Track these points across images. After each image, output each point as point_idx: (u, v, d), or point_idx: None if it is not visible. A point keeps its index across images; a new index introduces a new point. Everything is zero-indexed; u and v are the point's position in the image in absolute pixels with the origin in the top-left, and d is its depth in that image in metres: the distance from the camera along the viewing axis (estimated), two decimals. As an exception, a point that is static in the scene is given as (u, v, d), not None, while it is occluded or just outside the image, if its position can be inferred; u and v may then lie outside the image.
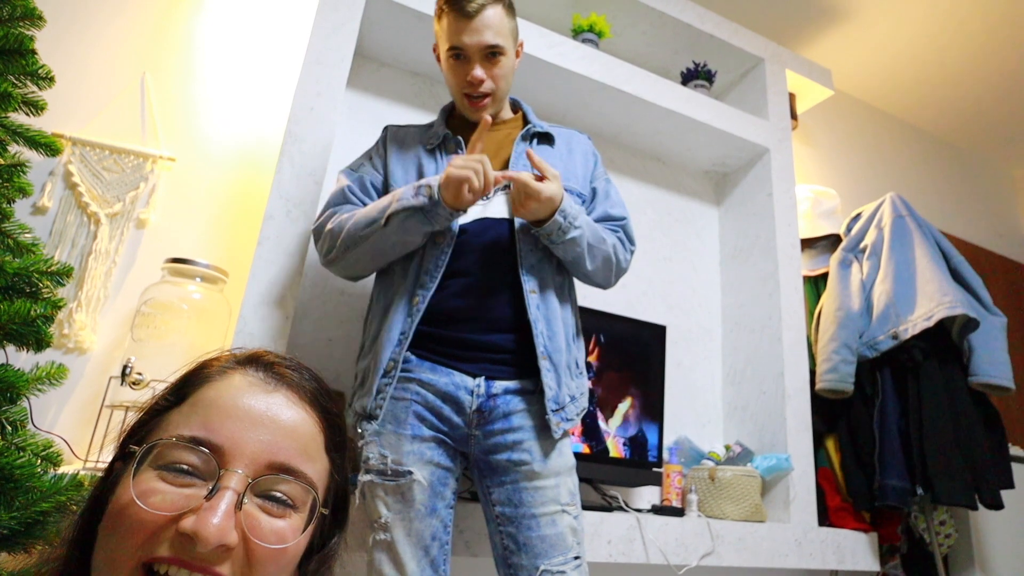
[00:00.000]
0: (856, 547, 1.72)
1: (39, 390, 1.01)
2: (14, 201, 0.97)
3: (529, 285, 1.07)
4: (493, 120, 1.19)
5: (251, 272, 1.24)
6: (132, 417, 0.52)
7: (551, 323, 1.08)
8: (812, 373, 1.89)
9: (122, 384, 1.20)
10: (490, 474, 1.04)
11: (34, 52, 0.98)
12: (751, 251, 2.03)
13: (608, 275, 1.18)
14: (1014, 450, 2.04)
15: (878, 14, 2.43)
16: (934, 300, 1.79)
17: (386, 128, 1.25)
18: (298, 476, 0.47)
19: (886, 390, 1.84)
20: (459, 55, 1.11)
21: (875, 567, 1.75)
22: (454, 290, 1.06)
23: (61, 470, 0.95)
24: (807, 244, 2.16)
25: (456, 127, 1.20)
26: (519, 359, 1.06)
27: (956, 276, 1.91)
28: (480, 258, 1.08)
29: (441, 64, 1.16)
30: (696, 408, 1.98)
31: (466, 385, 1.03)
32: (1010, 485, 1.77)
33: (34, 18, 0.98)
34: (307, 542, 0.49)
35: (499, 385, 1.04)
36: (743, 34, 2.15)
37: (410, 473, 0.98)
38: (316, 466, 0.50)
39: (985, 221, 3.16)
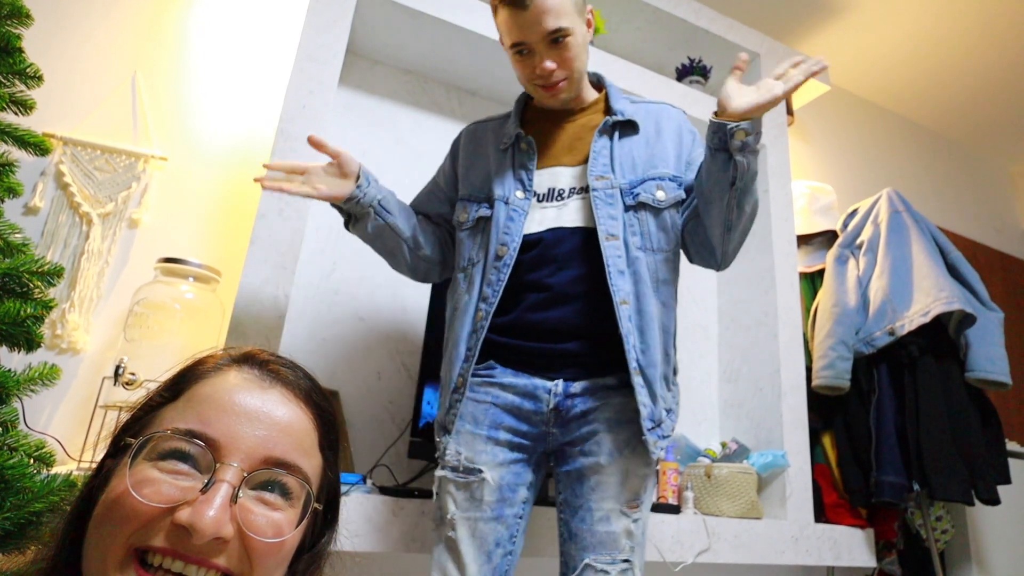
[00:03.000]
0: (852, 543, 1.72)
1: (32, 391, 1.00)
2: (3, 201, 0.97)
3: (620, 295, 1.00)
4: (572, 109, 1.13)
5: (243, 272, 1.23)
6: (125, 416, 0.52)
7: (645, 334, 1.01)
8: (808, 370, 1.89)
9: (115, 384, 1.19)
10: (560, 462, 1.04)
11: (21, 50, 0.97)
12: (747, 247, 2.03)
13: (745, 236, 1.07)
14: (1011, 446, 2.03)
15: (874, 9, 2.43)
16: (931, 296, 1.78)
17: (464, 129, 1.23)
18: (293, 470, 0.47)
19: (883, 386, 1.84)
20: (523, 50, 1.04)
21: (872, 563, 1.75)
22: (531, 303, 1.04)
23: (54, 470, 0.95)
24: (803, 240, 2.15)
25: (532, 118, 1.16)
26: (600, 360, 1.03)
27: (953, 271, 1.90)
28: (557, 269, 1.04)
29: (510, 61, 1.09)
30: (692, 405, 1.97)
31: (545, 386, 1.03)
32: (1007, 481, 1.77)
33: (21, 16, 0.98)
34: (302, 531, 0.49)
35: (578, 385, 1.02)
36: (739, 29, 2.15)
37: (480, 472, 0.99)
38: (311, 462, 0.50)
39: (982, 216, 3.15)
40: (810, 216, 2.17)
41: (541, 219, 1.07)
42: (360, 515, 1.17)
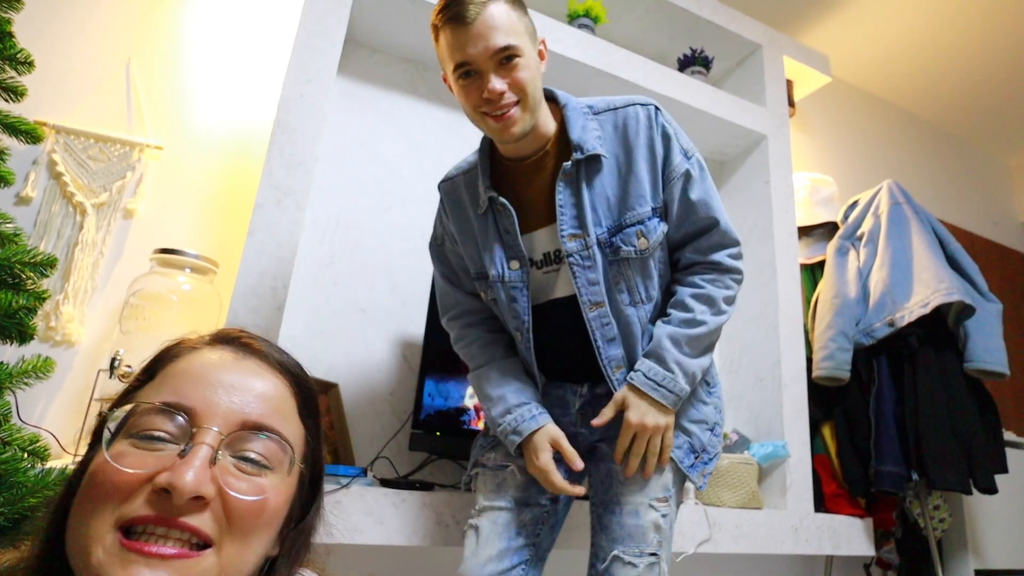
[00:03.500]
0: (852, 532, 1.73)
1: (25, 384, 0.99)
2: (-6, 190, 0.95)
3: (613, 364, 1.01)
4: (537, 155, 1.01)
5: (241, 263, 1.21)
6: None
7: None
8: (809, 361, 1.88)
9: (111, 377, 1.18)
10: (592, 459, 1.06)
11: (11, 35, 0.95)
12: (748, 239, 2.02)
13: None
14: (1008, 435, 2.04)
15: (876, 0, 2.41)
16: (930, 287, 1.78)
17: (439, 187, 1.14)
18: (273, 433, 0.47)
19: (882, 377, 1.84)
20: (469, 72, 0.92)
21: (870, 552, 1.76)
22: (547, 356, 1.09)
23: (49, 464, 0.94)
24: (804, 232, 2.14)
25: (502, 173, 1.05)
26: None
27: (952, 263, 1.90)
28: (559, 334, 1.06)
29: (454, 91, 0.97)
30: (692, 397, 1.97)
31: (573, 389, 1.09)
32: (1004, 470, 1.77)
33: (11, 0, 0.95)
34: (288, 498, 0.49)
35: (603, 387, 1.05)
36: (740, 20, 2.13)
37: (508, 466, 1.04)
38: (291, 428, 0.50)
39: (980, 209, 3.16)
40: (811, 208, 2.16)
41: (547, 288, 1.05)
42: (361, 508, 1.16)
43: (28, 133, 0.99)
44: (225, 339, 0.53)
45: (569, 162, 0.98)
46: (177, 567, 0.41)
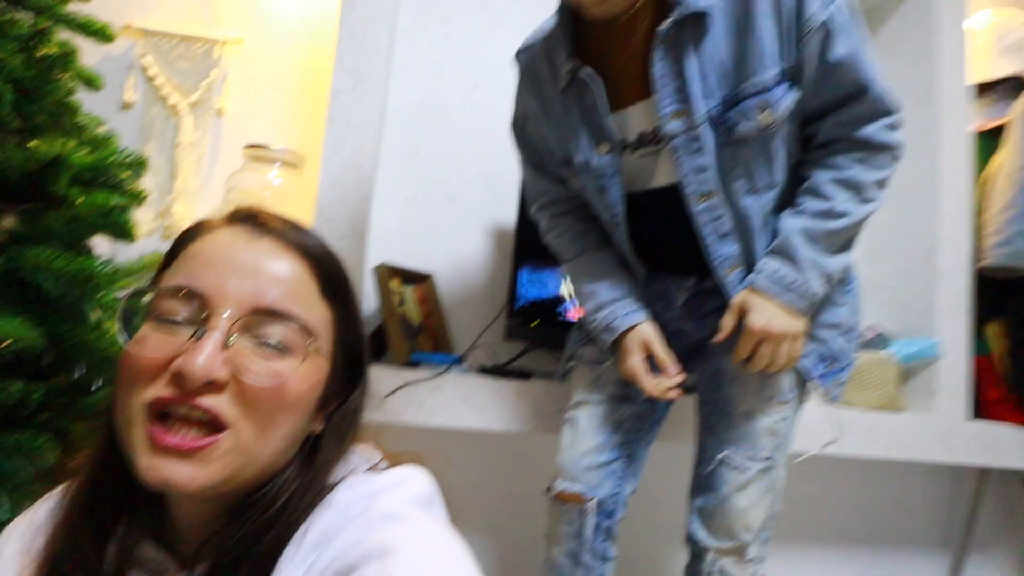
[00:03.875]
0: (1017, 444, 1.51)
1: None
2: (74, 93, 0.96)
3: (727, 264, 0.88)
4: (619, 15, 0.81)
5: (323, 154, 1.19)
6: None
7: None
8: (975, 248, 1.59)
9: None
10: (699, 357, 0.98)
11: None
12: (905, 102, 1.66)
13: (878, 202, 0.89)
14: None
15: None
16: None
17: (516, 57, 1.00)
18: (288, 318, 0.46)
19: (1076, 266, 1.51)
20: None
21: (1040, 466, 1.53)
22: (647, 249, 0.98)
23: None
24: (982, 89, 1.74)
25: (587, 38, 0.88)
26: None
27: None
28: (661, 227, 0.94)
29: None
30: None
31: (677, 283, 0.99)
32: None
33: None
34: (315, 383, 0.48)
35: (711, 281, 0.92)
36: None
37: (606, 362, 0.98)
38: (311, 312, 0.48)
39: None
40: (992, 58, 1.74)
41: (644, 175, 0.91)
42: (459, 394, 1.17)
43: (99, 32, 0.98)
44: (242, 217, 0.51)
45: (667, 22, 0.79)
46: (199, 457, 0.42)
